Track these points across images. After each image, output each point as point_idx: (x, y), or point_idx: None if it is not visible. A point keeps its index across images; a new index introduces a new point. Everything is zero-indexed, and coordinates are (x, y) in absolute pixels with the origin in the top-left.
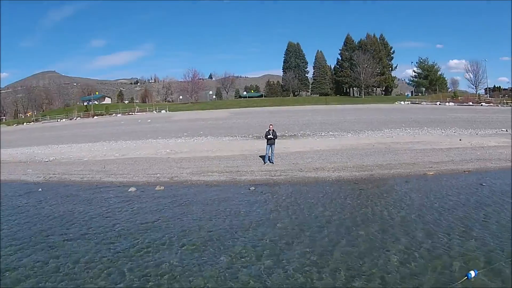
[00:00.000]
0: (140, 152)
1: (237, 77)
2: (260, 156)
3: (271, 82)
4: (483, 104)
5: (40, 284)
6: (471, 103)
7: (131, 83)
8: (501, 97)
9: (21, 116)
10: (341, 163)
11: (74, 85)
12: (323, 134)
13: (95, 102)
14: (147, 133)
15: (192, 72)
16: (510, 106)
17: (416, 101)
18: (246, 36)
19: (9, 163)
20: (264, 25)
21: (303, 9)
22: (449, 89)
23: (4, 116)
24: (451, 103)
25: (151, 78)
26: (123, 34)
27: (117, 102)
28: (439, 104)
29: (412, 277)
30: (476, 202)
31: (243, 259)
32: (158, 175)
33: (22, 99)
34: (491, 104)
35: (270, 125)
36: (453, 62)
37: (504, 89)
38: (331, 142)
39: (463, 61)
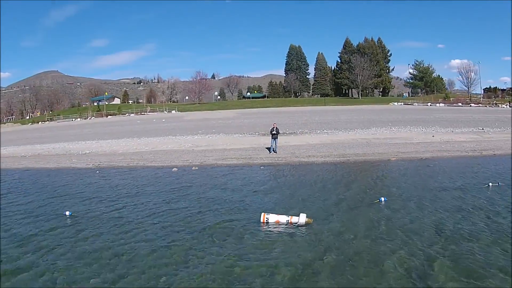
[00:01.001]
0: (167, 146)
1: (239, 76)
2: (266, 148)
3: (274, 83)
4: (472, 105)
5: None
6: (460, 104)
7: (134, 83)
8: (494, 97)
9: (31, 115)
10: (328, 152)
11: (78, 85)
12: (318, 132)
13: (105, 102)
14: (165, 131)
15: (199, 75)
16: (499, 106)
17: (408, 102)
18: (248, 36)
19: (48, 155)
20: (265, 25)
21: (305, 9)
22: (447, 90)
23: (12, 115)
24: (441, 104)
25: (154, 78)
26: (125, 34)
27: (123, 102)
28: (430, 105)
29: (346, 197)
30: (412, 173)
31: (249, 194)
32: (190, 160)
33: (30, 98)
34: (480, 105)
35: (274, 123)
36: (455, 62)
37: (502, 90)
38: (323, 138)
39: (465, 61)
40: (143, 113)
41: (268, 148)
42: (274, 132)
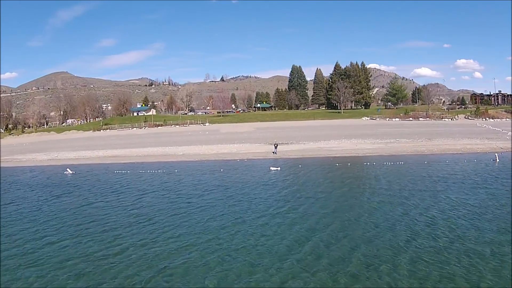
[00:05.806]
0: (224, 150)
1: (247, 77)
2: (272, 152)
3: (280, 90)
4: (420, 119)
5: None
6: (411, 119)
7: (146, 85)
8: (458, 108)
9: (75, 122)
10: (298, 153)
11: (92, 87)
12: (300, 143)
13: (143, 113)
14: (214, 141)
15: (208, 76)
16: (443, 120)
17: (373, 117)
18: (256, 36)
19: (158, 155)
20: (273, 26)
21: (310, 9)
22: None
23: (46, 120)
24: (396, 119)
25: (165, 80)
26: (133, 34)
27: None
28: (388, 120)
29: (296, 165)
30: (323, 160)
31: (265, 164)
32: (241, 157)
33: (65, 104)
34: (428, 118)
35: (275, 140)
36: (461, 61)
37: (488, 95)
38: (300, 146)
39: (471, 60)
40: (184, 125)
41: (273, 152)
42: (275, 144)
